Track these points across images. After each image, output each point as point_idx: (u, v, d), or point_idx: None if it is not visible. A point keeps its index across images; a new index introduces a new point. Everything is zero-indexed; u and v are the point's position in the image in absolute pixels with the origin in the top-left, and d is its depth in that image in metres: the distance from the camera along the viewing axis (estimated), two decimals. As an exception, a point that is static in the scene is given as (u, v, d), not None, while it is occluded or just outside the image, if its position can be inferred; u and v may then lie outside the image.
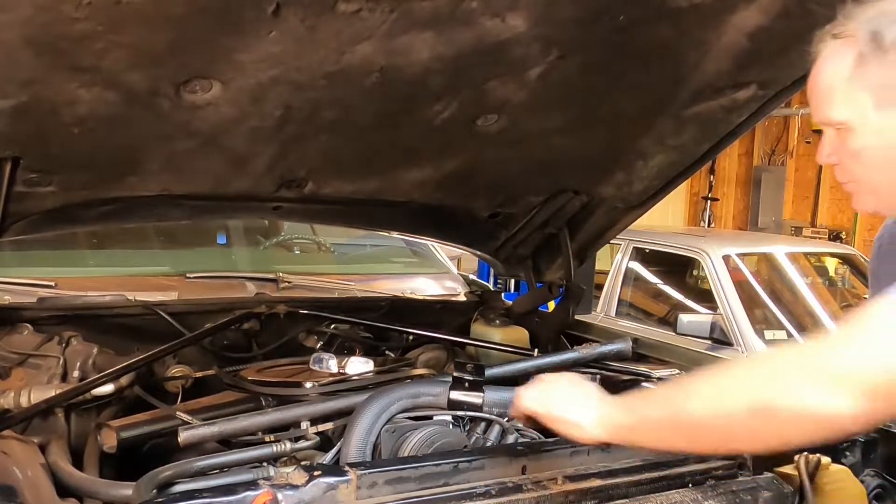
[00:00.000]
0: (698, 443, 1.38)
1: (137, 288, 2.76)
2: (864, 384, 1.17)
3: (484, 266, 6.54)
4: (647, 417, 1.40)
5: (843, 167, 1.46)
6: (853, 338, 1.22)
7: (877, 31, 1.35)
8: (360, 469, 1.51)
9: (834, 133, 1.44)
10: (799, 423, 1.22)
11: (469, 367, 1.93)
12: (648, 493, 1.71)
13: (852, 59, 1.38)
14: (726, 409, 1.28)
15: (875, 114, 1.37)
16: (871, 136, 1.38)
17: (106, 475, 1.76)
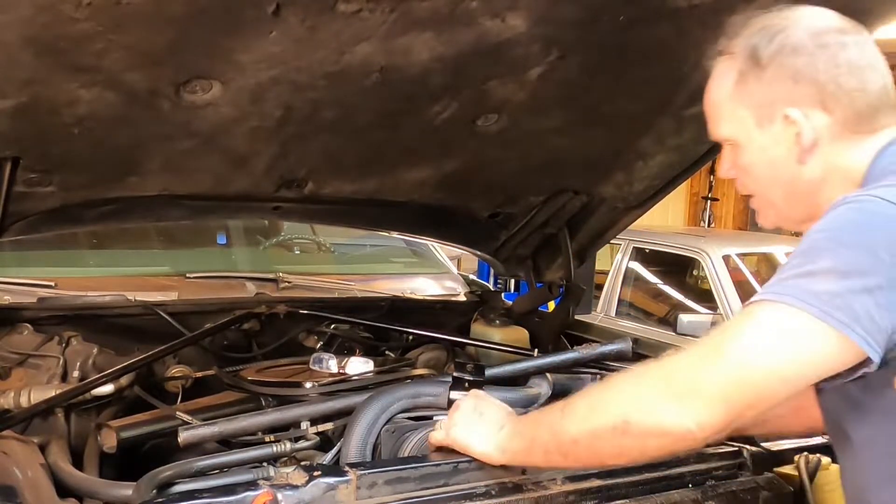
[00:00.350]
0: (577, 460, 1.43)
1: (137, 288, 2.76)
2: (706, 398, 1.23)
3: (484, 266, 6.55)
4: (536, 439, 1.47)
5: (740, 182, 1.48)
6: (700, 354, 1.26)
7: (755, 48, 1.37)
8: (360, 469, 1.51)
9: (728, 148, 1.46)
10: (654, 437, 1.28)
11: (469, 367, 1.93)
12: (648, 494, 1.71)
13: (734, 76, 1.40)
14: (593, 427, 1.35)
15: (757, 131, 1.39)
16: (756, 153, 1.41)
17: (106, 475, 1.76)
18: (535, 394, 2.03)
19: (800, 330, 1.20)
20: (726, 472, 1.79)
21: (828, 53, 1.34)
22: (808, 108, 1.35)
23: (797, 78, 1.34)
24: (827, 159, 1.36)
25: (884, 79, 1.37)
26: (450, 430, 1.62)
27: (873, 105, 1.36)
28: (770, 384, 1.23)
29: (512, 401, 1.93)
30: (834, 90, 1.34)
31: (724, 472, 1.79)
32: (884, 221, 1.24)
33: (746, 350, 1.23)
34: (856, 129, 1.36)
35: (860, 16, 1.97)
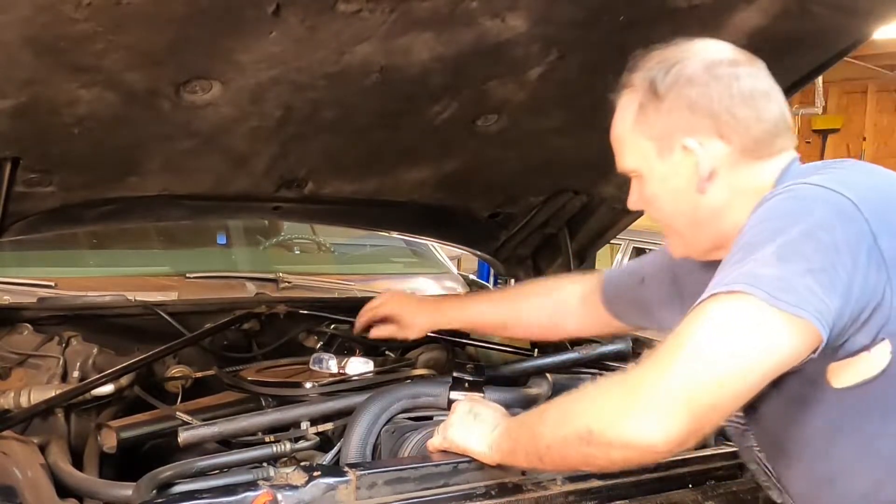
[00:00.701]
0: (552, 464, 1.43)
1: (137, 288, 2.76)
2: (664, 408, 1.20)
3: (484, 266, 6.54)
4: (519, 441, 1.48)
5: (649, 212, 1.52)
6: (656, 363, 1.24)
7: (653, 80, 1.40)
8: (360, 469, 1.51)
9: (634, 180, 1.50)
10: (617, 449, 1.26)
11: (469, 367, 1.93)
12: (648, 494, 1.71)
13: (635, 109, 1.43)
14: (562, 434, 1.35)
15: (658, 161, 1.42)
16: (658, 183, 1.44)
17: (106, 475, 1.75)
18: (536, 394, 2.03)
19: (750, 319, 1.19)
20: (726, 472, 1.79)
21: (722, 84, 1.37)
22: (706, 138, 1.38)
23: (693, 108, 1.37)
24: (729, 186, 1.39)
25: (779, 106, 1.42)
26: (447, 433, 1.63)
27: (770, 132, 1.39)
28: (729, 382, 1.20)
29: (512, 401, 1.93)
30: (728, 119, 1.37)
31: (724, 472, 1.79)
32: (818, 204, 1.24)
33: (699, 351, 1.20)
34: (755, 156, 1.39)
35: (860, 16, 1.99)
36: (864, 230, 1.22)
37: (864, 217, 1.23)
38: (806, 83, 2.23)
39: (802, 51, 2.07)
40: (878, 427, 1.29)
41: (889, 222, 1.24)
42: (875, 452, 1.30)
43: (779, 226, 1.24)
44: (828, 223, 1.22)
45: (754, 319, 1.19)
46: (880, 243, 1.22)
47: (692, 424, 1.21)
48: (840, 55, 2.11)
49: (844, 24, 1.99)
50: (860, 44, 2.11)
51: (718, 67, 1.39)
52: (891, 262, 1.22)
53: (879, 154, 11.25)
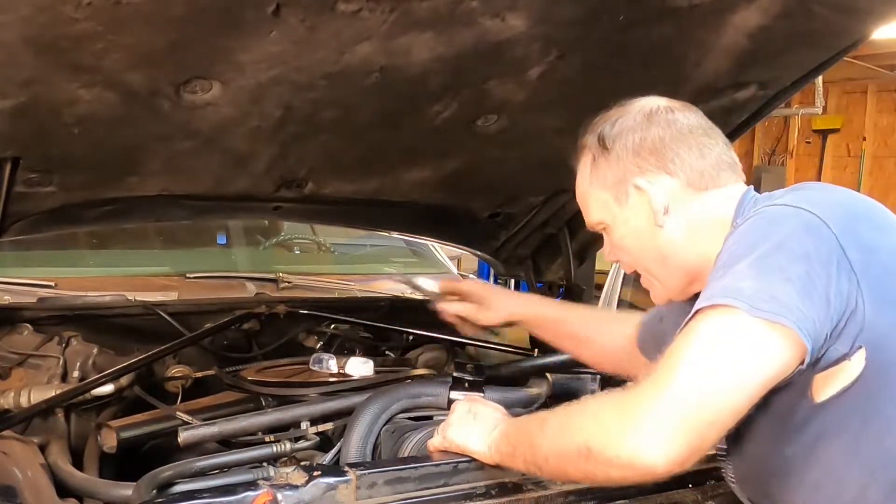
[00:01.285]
0: (550, 475, 1.45)
1: (137, 288, 2.76)
2: (660, 429, 1.22)
3: (484, 266, 6.54)
4: (518, 447, 1.49)
5: (623, 263, 1.61)
6: (652, 383, 1.26)
7: (601, 135, 1.53)
8: (360, 469, 1.51)
9: (605, 235, 1.60)
10: (616, 469, 1.27)
11: (469, 367, 1.94)
12: (648, 493, 1.71)
13: (589, 165, 1.56)
14: (561, 448, 1.36)
15: (618, 208, 1.53)
16: (622, 228, 1.54)
17: (106, 475, 1.76)
18: (536, 394, 2.03)
19: (735, 332, 1.23)
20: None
21: (660, 126, 1.50)
22: (654, 176, 1.49)
23: (638, 151, 1.49)
24: (685, 217, 1.48)
25: (718, 145, 1.52)
26: (446, 433, 1.63)
27: (713, 166, 1.49)
28: (723, 397, 1.22)
29: (512, 401, 1.93)
30: (671, 156, 1.48)
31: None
32: (787, 220, 1.31)
33: (691, 371, 1.23)
34: (702, 187, 1.48)
35: (860, 16, 1.98)
36: (832, 243, 1.27)
37: (831, 231, 1.28)
38: (806, 83, 2.22)
39: (802, 50, 2.07)
40: (859, 432, 1.31)
41: (854, 236, 1.29)
42: (859, 457, 1.32)
43: (752, 241, 1.30)
44: (798, 236, 1.28)
45: (739, 332, 1.23)
46: (849, 255, 1.27)
47: (691, 444, 1.23)
48: (840, 55, 2.10)
49: (844, 23, 1.99)
50: (860, 44, 2.11)
51: (656, 114, 1.52)
52: (860, 272, 1.27)
53: (879, 154, 11.26)
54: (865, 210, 1.38)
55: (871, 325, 1.27)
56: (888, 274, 1.29)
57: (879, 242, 1.32)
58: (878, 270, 1.28)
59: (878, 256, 1.30)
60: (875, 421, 1.30)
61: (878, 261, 1.29)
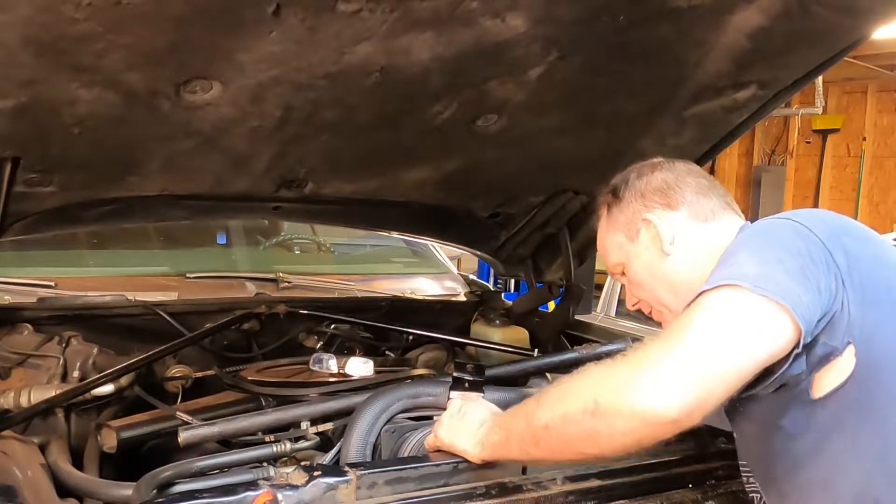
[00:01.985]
0: (549, 448, 1.44)
1: (137, 288, 2.76)
2: (673, 377, 1.28)
3: (484, 266, 6.55)
4: (512, 429, 1.51)
5: (643, 303, 1.71)
6: (665, 339, 1.33)
7: (614, 187, 1.73)
8: (360, 469, 1.51)
9: (624, 279, 1.73)
10: (624, 419, 1.30)
11: (469, 367, 1.93)
12: (648, 494, 1.71)
13: (605, 215, 1.74)
14: (564, 411, 1.39)
15: (631, 246, 1.68)
16: (635, 262, 1.68)
17: (106, 475, 1.76)
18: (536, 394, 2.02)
19: (740, 303, 1.32)
20: (726, 472, 1.79)
21: (664, 171, 1.69)
22: (660, 211, 1.65)
23: (644, 193, 1.67)
24: (690, 244, 1.62)
25: (716, 186, 1.69)
26: (436, 432, 1.65)
27: (713, 202, 1.65)
28: (731, 356, 1.29)
29: (512, 401, 1.93)
30: (675, 194, 1.65)
31: (724, 472, 1.79)
32: (778, 226, 1.46)
33: (702, 330, 1.31)
34: (703, 219, 1.63)
35: (860, 16, 1.98)
36: (820, 246, 1.39)
37: (818, 238, 1.40)
38: (806, 83, 2.23)
39: (802, 50, 2.07)
40: (857, 427, 1.39)
41: (839, 243, 1.41)
42: (860, 451, 1.39)
43: (749, 242, 1.45)
44: (791, 238, 1.41)
45: (743, 304, 1.32)
46: (835, 258, 1.38)
47: (699, 396, 1.27)
48: (840, 55, 2.10)
49: (844, 24, 1.98)
50: (860, 44, 2.11)
51: (659, 164, 1.71)
52: (845, 275, 1.38)
53: (879, 154, 11.26)
54: (845, 225, 1.50)
55: (857, 324, 1.37)
56: (869, 279, 1.40)
57: (860, 251, 1.43)
58: (860, 275, 1.39)
59: (860, 262, 1.40)
60: (871, 416, 1.38)
61: (860, 266, 1.40)
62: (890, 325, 1.39)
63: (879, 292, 1.40)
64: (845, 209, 11.49)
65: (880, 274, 1.43)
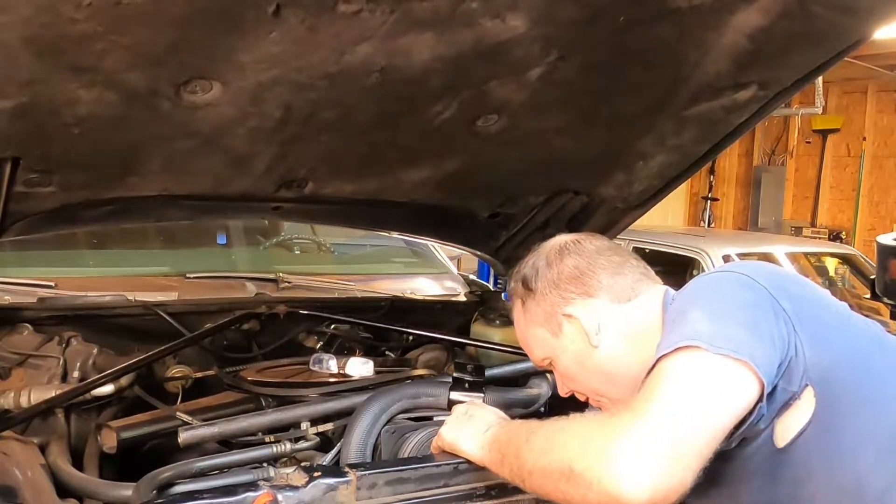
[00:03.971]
0: (532, 490, 1.43)
1: (137, 288, 2.76)
2: (650, 461, 1.23)
3: (484, 266, 6.54)
4: (505, 457, 1.50)
5: (577, 393, 1.66)
6: (630, 414, 1.29)
7: (524, 279, 1.66)
8: (360, 470, 1.51)
9: (554, 371, 1.67)
10: (594, 495, 1.27)
11: (469, 367, 1.93)
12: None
13: (520, 308, 1.67)
14: (544, 465, 1.37)
15: (555, 341, 1.62)
16: (564, 357, 1.62)
17: (106, 476, 1.76)
18: (536, 394, 2.03)
19: (702, 366, 1.30)
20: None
21: (572, 256, 1.63)
22: (579, 301, 1.59)
23: (558, 284, 1.61)
24: (617, 331, 1.57)
25: (628, 260, 1.65)
26: (441, 432, 1.65)
27: (629, 279, 1.61)
28: (700, 424, 1.27)
29: (512, 401, 1.93)
30: (590, 279, 1.60)
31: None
32: (720, 280, 1.45)
33: (667, 399, 1.28)
34: (624, 299, 1.59)
35: (860, 16, 1.98)
36: (765, 294, 1.39)
37: (760, 285, 1.40)
38: (806, 83, 2.22)
39: (802, 51, 2.07)
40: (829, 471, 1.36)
41: (782, 288, 1.40)
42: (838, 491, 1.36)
43: (695, 299, 1.42)
44: (735, 290, 1.40)
45: (705, 367, 1.30)
46: (782, 304, 1.38)
47: (674, 472, 1.24)
48: (840, 55, 2.10)
49: (844, 24, 1.99)
50: (860, 44, 2.11)
51: (565, 248, 1.66)
52: (794, 319, 1.37)
53: (879, 154, 11.27)
54: (784, 273, 1.52)
55: (813, 365, 1.36)
56: (816, 321, 1.40)
57: (802, 294, 1.44)
58: (807, 317, 1.39)
59: (805, 306, 1.41)
60: (840, 457, 1.36)
61: (806, 310, 1.40)
62: (843, 364, 1.38)
63: (828, 333, 1.40)
64: (845, 209, 11.51)
65: (825, 315, 1.43)
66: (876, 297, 4.99)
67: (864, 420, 1.36)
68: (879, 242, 4.84)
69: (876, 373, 1.40)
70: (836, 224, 11.56)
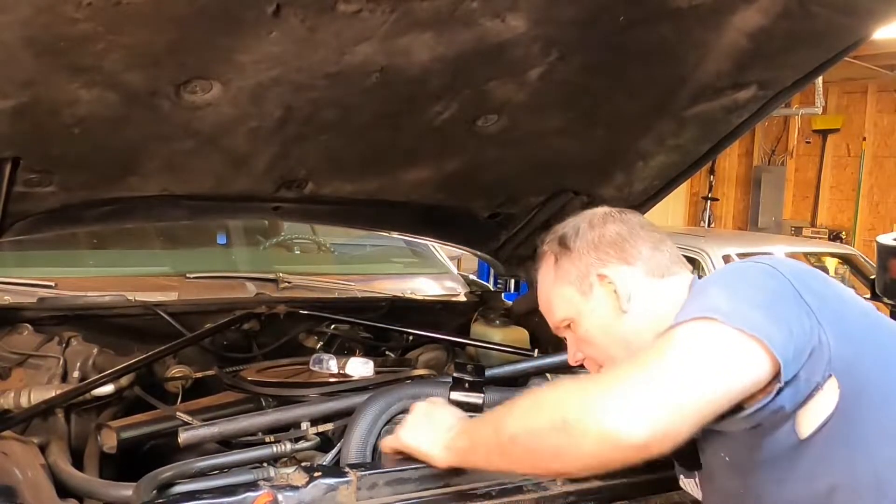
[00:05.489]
0: (515, 460, 1.42)
1: (137, 288, 2.76)
2: (652, 402, 1.24)
3: (484, 266, 6.54)
4: (479, 437, 1.48)
5: (589, 359, 1.64)
6: (640, 363, 1.30)
7: (563, 237, 1.65)
8: (361, 470, 1.51)
9: (568, 333, 1.64)
10: (592, 440, 1.27)
11: (469, 367, 1.93)
12: (648, 494, 1.71)
13: (552, 265, 1.65)
14: (532, 424, 1.35)
15: (583, 301, 1.60)
16: (588, 319, 1.60)
17: (106, 476, 1.75)
18: (536, 394, 2.02)
19: (715, 335, 1.30)
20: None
21: (616, 223, 1.63)
22: (615, 265, 1.59)
23: (598, 246, 1.60)
24: (646, 301, 1.56)
25: (667, 241, 1.66)
26: (399, 433, 1.62)
27: (666, 257, 1.62)
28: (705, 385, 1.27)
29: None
30: (629, 247, 1.60)
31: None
32: (745, 268, 1.46)
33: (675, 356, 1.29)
34: (658, 275, 1.59)
35: (860, 16, 1.98)
36: (788, 286, 1.38)
37: (786, 277, 1.39)
38: (806, 83, 2.23)
39: (802, 51, 2.07)
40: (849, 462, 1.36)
41: (805, 283, 1.40)
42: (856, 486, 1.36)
43: (718, 280, 1.45)
44: (759, 277, 1.40)
45: (718, 336, 1.30)
46: (804, 297, 1.37)
47: (671, 421, 1.25)
48: (840, 56, 2.10)
49: (844, 24, 1.99)
50: (860, 44, 2.11)
51: (610, 215, 1.65)
52: (818, 312, 1.36)
53: (879, 154, 11.27)
54: (806, 267, 1.50)
55: (837, 356, 1.34)
56: (839, 314, 1.40)
57: (825, 291, 1.42)
58: (831, 311, 1.38)
59: (828, 301, 1.40)
60: (860, 448, 1.36)
61: (829, 304, 1.39)
62: (868, 357, 1.38)
63: (852, 328, 1.40)
64: (845, 209, 11.51)
65: (847, 310, 1.43)
66: (876, 297, 4.98)
67: (886, 415, 1.36)
68: (879, 242, 4.84)
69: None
70: (836, 224, 11.56)
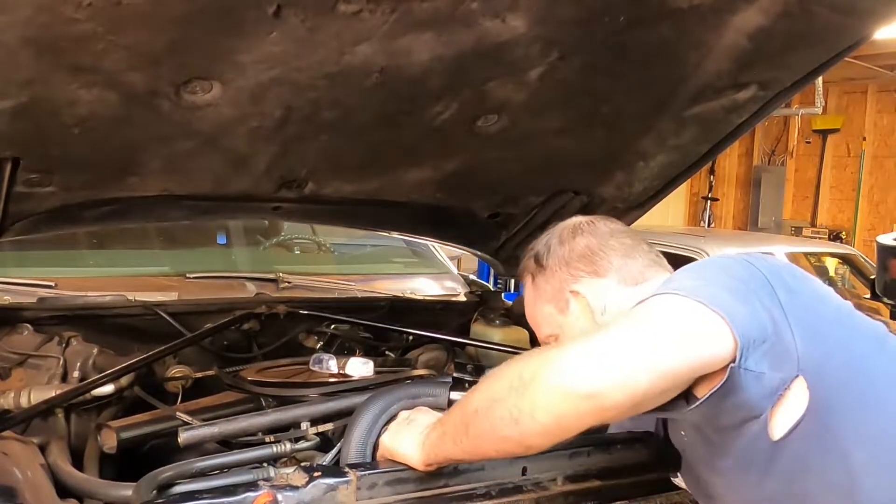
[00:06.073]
0: (478, 435, 1.39)
1: (137, 288, 2.76)
2: (605, 363, 1.24)
3: (484, 266, 6.55)
4: (448, 423, 1.48)
5: None
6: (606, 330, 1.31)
7: (537, 255, 1.69)
8: (361, 470, 1.51)
9: None
10: (548, 392, 1.26)
11: (469, 367, 1.94)
12: (648, 494, 1.71)
13: (531, 285, 1.70)
14: (492, 392, 1.35)
15: (561, 318, 1.64)
16: (569, 334, 1.62)
17: (106, 476, 1.76)
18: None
19: (677, 306, 1.29)
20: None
21: (585, 236, 1.66)
22: (587, 280, 1.62)
23: (569, 262, 1.64)
24: (623, 312, 1.48)
25: (641, 246, 1.67)
26: (382, 438, 1.62)
27: (639, 263, 1.63)
28: (663, 351, 1.25)
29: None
30: (600, 260, 1.63)
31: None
32: (729, 259, 1.46)
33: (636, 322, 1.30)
34: (632, 283, 1.61)
35: (860, 16, 1.99)
36: (762, 278, 1.37)
37: (760, 271, 1.39)
38: (806, 83, 2.23)
39: (802, 51, 2.08)
40: (822, 466, 1.36)
41: (780, 278, 1.39)
42: (830, 487, 1.36)
43: (689, 268, 1.42)
44: (731, 264, 1.41)
45: (680, 308, 1.29)
46: (778, 293, 1.36)
47: (623, 376, 1.23)
48: (840, 56, 2.11)
49: (844, 24, 1.99)
50: (860, 44, 2.11)
51: (579, 227, 1.68)
52: (789, 310, 1.35)
53: (879, 154, 11.27)
54: (783, 264, 1.50)
55: (805, 356, 1.34)
56: (812, 313, 1.39)
57: (800, 288, 1.41)
58: (803, 310, 1.37)
59: (801, 298, 1.39)
60: (834, 451, 1.35)
61: (802, 302, 1.38)
62: (837, 357, 1.37)
63: (823, 326, 1.39)
64: (845, 209, 11.52)
65: (821, 308, 1.42)
66: (876, 297, 4.99)
67: (859, 418, 1.36)
68: (879, 242, 4.84)
69: (874, 371, 1.39)
70: (836, 224, 11.57)
